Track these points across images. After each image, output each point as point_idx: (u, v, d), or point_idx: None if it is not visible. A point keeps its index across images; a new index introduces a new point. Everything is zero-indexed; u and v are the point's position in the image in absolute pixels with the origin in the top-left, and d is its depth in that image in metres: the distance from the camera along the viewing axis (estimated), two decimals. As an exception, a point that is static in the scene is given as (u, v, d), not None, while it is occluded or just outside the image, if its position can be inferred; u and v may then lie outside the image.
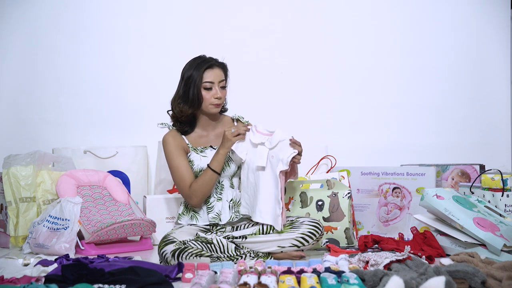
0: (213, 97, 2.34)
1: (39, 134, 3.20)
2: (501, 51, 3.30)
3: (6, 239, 2.65)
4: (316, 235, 2.25)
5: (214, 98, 2.35)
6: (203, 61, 2.35)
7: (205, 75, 2.33)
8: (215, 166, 2.33)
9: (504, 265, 1.80)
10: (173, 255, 2.11)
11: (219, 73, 2.37)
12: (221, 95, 2.35)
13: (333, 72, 3.28)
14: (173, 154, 2.37)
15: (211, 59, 2.38)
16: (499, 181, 2.39)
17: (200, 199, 2.35)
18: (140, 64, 3.23)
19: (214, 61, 2.38)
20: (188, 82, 2.33)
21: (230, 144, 2.33)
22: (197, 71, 2.33)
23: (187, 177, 2.35)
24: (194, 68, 2.33)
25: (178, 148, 2.38)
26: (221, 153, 2.33)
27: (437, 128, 3.29)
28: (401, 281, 1.57)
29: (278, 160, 2.27)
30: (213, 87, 2.34)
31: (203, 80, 2.33)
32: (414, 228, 2.41)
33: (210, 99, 2.34)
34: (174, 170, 2.38)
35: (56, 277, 1.71)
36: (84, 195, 2.66)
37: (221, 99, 2.37)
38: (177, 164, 2.36)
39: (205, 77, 2.33)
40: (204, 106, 2.36)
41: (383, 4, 3.30)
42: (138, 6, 3.25)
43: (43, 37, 3.22)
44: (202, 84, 2.33)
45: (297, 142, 2.27)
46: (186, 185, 2.35)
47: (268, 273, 1.74)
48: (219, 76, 2.36)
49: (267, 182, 2.29)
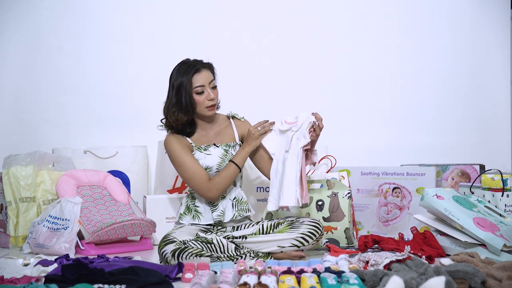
0: (206, 99, 2.35)
1: (39, 134, 3.20)
2: (501, 51, 3.30)
3: (6, 239, 2.65)
4: (316, 235, 2.25)
5: (208, 100, 2.35)
6: (189, 66, 2.35)
7: (194, 79, 2.33)
8: (238, 161, 2.37)
9: (504, 265, 1.80)
10: (173, 255, 2.11)
11: (208, 75, 2.37)
12: (213, 95, 2.36)
13: (333, 72, 3.28)
14: (180, 152, 2.37)
15: (197, 62, 2.38)
16: (499, 181, 2.39)
17: (221, 192, 2.37)
18: (141, 64, 3.24)
19: (200, 64, 2.37)
20: (179, 90, 2.33)
21: (256, 142, 2.39)
22: (185, 77, 2.33)
23: (202, 172, 2.36)
24: (182, 75, 2.33)
25: (183, 146, 2.39)
26: (247, 150, 2.39)
27: (437, 128, 3.29)
28: (401, 281, 1.57)
29: (300, 138, 2.30)
30: (205, 89, 2.35)
31: (193, 85, 2.33)
32: (414, 228, 2.41)
33: (204, 102, 2.35)
34: (186, 167, 2.37)
35: (56, 277, 1.71)
36: (84, 195, 2.66)
37: (215, 99, 2.38)
38: (189, 160, 2.36)
39: (195, 82, 2.33)
40: (199, 110, 2.37)
41: (383, 4, 3.31)
42: (138, 7, 3.26)
43: (43, 37, 3.22)
44: (193, 89, 2.33)
45: (318, 116, 2.31)
46: (204, 179, 2.35)
47: (268, 273, 1.74)
48: (208, 77, 2.36)
49: (290, 165, 2.31)
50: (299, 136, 2.32)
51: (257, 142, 2.39)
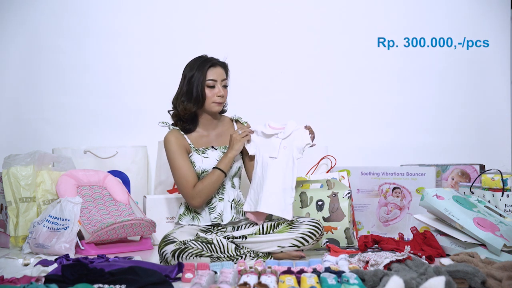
0: (216, 95, 2.37)
1: (39, 134, 3.20)
2: (501, 51, 3.30)
3: (6, 239, 2.65)
4: (316, 235, 2.25)
5: (216, 96, 2.37)
6: (206, 60, 2.38)
7: (208, 73, 2.36)
8: (223, 167, 2.35)
9: (504, 265, 1.80)
10: (173, 255, 2.11)
11: (221, 72, 2.39)
12: (223, 93, 2.38)
13: (333, 72, 3.28)
14: (176, 153, 2.37)
15: (213, 58, 2.41)
16: (499, 181, 2.39)
17: (204, 200, 2.36)
18: (141, 64, 3.23)
19: (216, 60, 2.41)
20: (191, 81, 2.35)
21: (239, 145, 2.37)
22: (200, 69, 2.35)
23: (190, 178, 2.35)
24: (197, 67, 2.36)
25: (181, 147, 2.38)
26: (230, 156, 2.36)
27: (437, 128, 3.29)
28: (401, 281, 1.57)
29: (291, 149, 2.32)
30: (216, 85, 2.37)
31: (206, 78, 2.35)
32: (414, 228, 2.41)
33: (213, 97, 2.36)
34: (176, 170, 2.37)
35: (56, 277, 1.71)
36: (84, 195, 2.66)
37: (224, 98, 2.39)
38: (180, 164, 2.36)
39: (209, 75, 2.35)
40: (206, 104, 2.38)
41: (383, 4, 3.31)
42: (138, 6, 3.25)
43: (44, 37, 3.22)
44: (206, 82, 2.35)
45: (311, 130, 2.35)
46: (190, 185, 2.35)
47: (268, 273, 1.74)
48: (221, 74, 2.39)
49: (275, 172, 2.32)
50: (286, 145, 2.33)
51: (239, 145, 2.36)
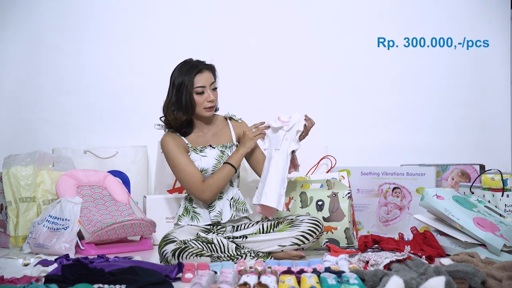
0: (206, 100, 2.37)
1: (39, 134, 3.19)
2: (501, 51, 3.30)
3: (6, 239, 2.65)
4: (316, 232, 2.25)
5: (207, 102, 2.37)
6: (192, 66, 2.36)
7: (196, 80, 2.34)
8: (234, 162, 2.38)
9: (504, 265, 1.80)
10: (174, 255, 2.11)
11: (209, 76, 2.38)
12: (213, 97, 2.38)
13: (333, 72, 3.28)
14: (176, 152, 2.37)
15: (199, 62, 2.39)
16: (499, 181, 2.39)
17: (214, 194, 2.37)
18: (141, 65, 3.23)
19: (202, 64, 2.39)
20: (180, 89, 2.34)
21: (251, 143, 2.39)
22: (187, 76, 2.34)
23: (196, 173, 2.36)
24: (184, 74, 2.35)
25: (180, 147, 2.39)
26: (241, 152, 2.39)
27: (437, 128, 3.29)
28: (401, 281, 1.57)
29: (290, 140, 2.34)
30: (205, 90, 2.36)
31: (194, 85, 2.34)
32: (414, 228, 2.41)
33: (203, 103, 2.36)
34: (180, 168, 2.37)
35: (56, 277, 1.71)
36: (84, 195, 2.66)
37: (214, 101, 2.39)
38: (184, 161, 2.37)
39: (196, 82, 2.35)
40: (198, 110, 2.38)
41: (383, 5, 3.31)
42: (138, 6, 3.25)
43: (43, 37, 3.22)
44: (194, 89, 2.35)
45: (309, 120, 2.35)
46: (198, 180, 2.35)
47: (268, 273, 1.74)
48: (209, 79, 2.38)
49: (276, 164, 2.35)
50: (288, 137, 2.36)
51: (251, 143, 2.39)
